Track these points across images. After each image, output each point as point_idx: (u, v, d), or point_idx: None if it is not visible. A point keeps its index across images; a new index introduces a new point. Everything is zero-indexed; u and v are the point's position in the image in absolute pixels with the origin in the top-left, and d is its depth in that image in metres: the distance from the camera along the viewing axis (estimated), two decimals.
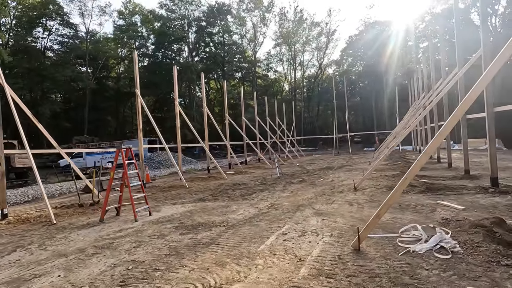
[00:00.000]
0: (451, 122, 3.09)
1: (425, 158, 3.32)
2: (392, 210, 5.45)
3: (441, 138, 3.20)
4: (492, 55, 6.76)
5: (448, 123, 3.13)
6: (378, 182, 8.91)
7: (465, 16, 41.67)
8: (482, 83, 2.86)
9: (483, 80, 2.86)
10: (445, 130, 3.17)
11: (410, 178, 3.43)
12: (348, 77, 61.21)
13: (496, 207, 5.21)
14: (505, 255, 3.14)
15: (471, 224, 3.96)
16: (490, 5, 37.15)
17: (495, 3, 37.96)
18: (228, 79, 56.39)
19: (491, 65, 2.84)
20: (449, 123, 3.11)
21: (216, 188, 10.25)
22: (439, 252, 3.40)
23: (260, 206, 6.72)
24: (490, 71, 2.82)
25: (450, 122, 3.12)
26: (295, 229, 4.71)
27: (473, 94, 2.92)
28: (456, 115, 3.03)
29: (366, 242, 3.89)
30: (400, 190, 3.46)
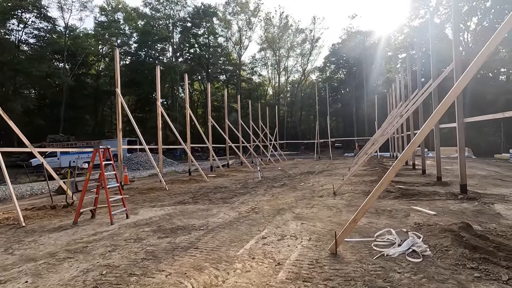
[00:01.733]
0: (424, 131, 3.25)
1: (400, 164, 3.46)
2: (368, 215, 5.62)
3: (414, 146, 3.36)
4: (463, 68, 7.18)
5: (421, 132, 3.29)
6: (357, 187, 9.15)
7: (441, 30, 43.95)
8: (452, 95, 3.04)
9: (453, 92, 3.03)
10: (418, 139, 3.33)
11: (386, 183, 3.56)
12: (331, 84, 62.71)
13: (464, 213, 5.50)
14: (471, 259, 3.32)
15: (441, 229, 4.15)
16: (462, 21, 39.38)
17: (467, 20, 40.27)
18: (213, 81, 56.13)
19: (460, 79, 3.02)
20: (422, 132, 3.26)
21: (197, 191, 10.13)
22: (411, 256, 3.54)
23: (240, 209, 6.71)
24: (459, 85, 3.00)
25: (423, 131, 3.27)
26: (275, 233, 4.75)
27: (444, 106, 3.08)
28: (428, 124, 3.18)
29: (343, 246, 3.98)
30: (375, 195, 3.58)
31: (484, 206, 5.92)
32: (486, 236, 3.98)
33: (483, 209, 5.68)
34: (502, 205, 5.96)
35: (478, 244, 3.66)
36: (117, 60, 11.51)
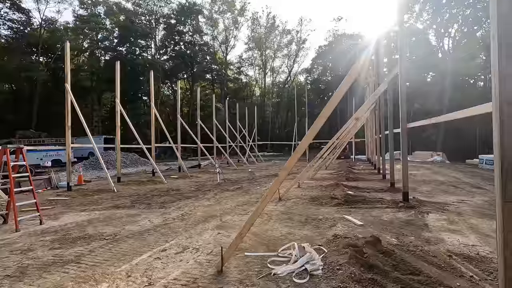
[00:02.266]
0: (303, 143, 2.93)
1: (284, 174, 3.13)
2: (295, 224, 5.30)
3: (297, 155, 3.03)
4: (407, 75, 6.97)
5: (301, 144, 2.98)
6: (308, 192, 8.85)
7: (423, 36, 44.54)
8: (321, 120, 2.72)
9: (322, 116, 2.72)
10: (300, 149, 3.01)
11: (270, 196, 3.22)
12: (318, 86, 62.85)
13: (392, 223, 5.23)
14: (358, 280, 3.00)
15: (345, 244, 3.84)
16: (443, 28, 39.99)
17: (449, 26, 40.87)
18: (198, 80, 55.39)
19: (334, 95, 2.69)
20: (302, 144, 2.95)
21: (145, 193, 9.65)
22: (299, 276, 3.21)
23: (170, 216, 6.29)
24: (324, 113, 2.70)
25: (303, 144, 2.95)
26: (180, 245, 4.35)
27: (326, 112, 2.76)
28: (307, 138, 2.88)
29: (238, 262, 3.64)
30: (261, 208, 3.23)
31: (417, 216, 5.68)
32: (392, 252, 3.68)
33: (414, 220, 5.43)
34: (437, 215, 5.74)
35: (375, 263, 3.36)
36: (67, 54, 10.94)
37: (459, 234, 4.54)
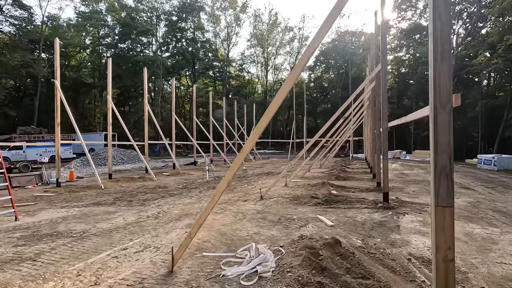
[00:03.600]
0: (249, 144, 2.87)
1: (231, 174, 3.07)
2: (264, 224, 5.25)
3: (243, 154, 2.97)
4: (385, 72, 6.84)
5: (247, 143, 2.91)
6: (293, 191, 8.77)
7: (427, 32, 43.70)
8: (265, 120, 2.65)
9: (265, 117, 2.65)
10: (245, 149, 2.94)
11: (218, 195, 3.16)
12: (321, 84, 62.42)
13: (364, 224, 5.15)
14: (303, 283, 2.94)
15: (303, 245, 3.78)
16: None
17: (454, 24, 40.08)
18: (199, 77, 55.40)
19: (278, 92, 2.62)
20: (248, 143, 2.88)
21: (132, 190, 9.67)
22: (247, 278, 3.16)
23: (146, 214, 6.28)
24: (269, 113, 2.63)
25: (251, 140, 2.89)
26: (143, 243, 4.33)
27: (263, 122, 2.68)
28: (252, 138, 2.81)
29: (194, 262, 3.61)
30: (209, 208, 3.18)
31: (392, 217, 5.58)
32: (350, 254, 3.61)
33: (388, 221, 5.34)
34: (413, 217, 5.63)
35: (328, 265, 3.29)
36: (57, 51, 10.95)
37: (428, 237, 4.44)
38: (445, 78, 2.11)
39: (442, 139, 2.11)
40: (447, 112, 2.10)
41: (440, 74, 2.12)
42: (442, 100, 2.11)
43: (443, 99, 2.11)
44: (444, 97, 2.11)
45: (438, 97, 2.12)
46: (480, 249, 3.93)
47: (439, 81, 2.12)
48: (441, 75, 2.12)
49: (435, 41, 2.13)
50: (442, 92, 2.11)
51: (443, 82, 2.11)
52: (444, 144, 2.11)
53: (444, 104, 2.11)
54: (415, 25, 43.62)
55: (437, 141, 2.13)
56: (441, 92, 2.11)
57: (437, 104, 2.12)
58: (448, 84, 2.11)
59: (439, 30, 2.12)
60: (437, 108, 2.12)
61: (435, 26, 2.13)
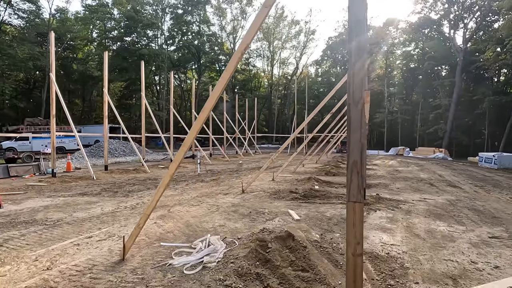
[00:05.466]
0: (193, 131, 2.95)
1: (174, 167, 3.16)
2: (233, 217, 5.35)
3: (185, 148, 3.05)
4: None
5: (187, 138, 2.99)
6: (277, 186, 8.85)
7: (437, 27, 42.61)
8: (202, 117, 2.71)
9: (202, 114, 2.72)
10: (187, 141, 3.02)
11: (163, 187, 3.26)
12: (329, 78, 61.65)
13: (331, 219, 5.20)
14: (242, 274, 3.03)
15: (255, 238, 3.86)
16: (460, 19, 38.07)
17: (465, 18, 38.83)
18: (205, 70, 55.47)
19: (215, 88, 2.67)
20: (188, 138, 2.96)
21: (122, 182, 9.91)
22: (191, 268, 3.27)
23: (125, 204, 6.47)
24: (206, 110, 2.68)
25: (192, 132, 2.97)
26: (109, 232, 4.50)
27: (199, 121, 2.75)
28: (190, 135, 2.90)
29: (149, 251, 3.75)
30: (155, 200, 3.29)
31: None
32: (301, 248, 3.68)
33: None
34: (384, 213, 5.65)
35: (273, 258, 3.37)
36: (52, 44, 11.19)
37: (388, 233, 4.47)
38: (358, 76, 2.13)
39: (354, 135, 2.14)
40: (359, 109, 2.13)
41: (354, 72, 2.14)
42: (355, 97, 2.14)
43: (356, 97, 2.13)
44: (357, 94, 2.13)
45: (352, 95, 2.14)
46: (434, 246, 3.94)
47: (353, 79, 2.14)
48: (355, 74, 2.14)
49: (351, 40, 2.15)
50: (355, 90, 2.14)
51: (356, 80, 2.13)
52: (356, 140, 2.14)
53: (357, 102, 2.13)
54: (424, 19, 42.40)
55: (349, 138, 2.16)
56: (355, 90, 2.14)
57: (351, 101, 2.15)
58: (361, 82, 2.13)
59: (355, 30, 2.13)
60: (351, 105, 2.15)
61: (351, 25, 2.14)
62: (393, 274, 3.12)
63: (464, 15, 37.89)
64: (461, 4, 36.83)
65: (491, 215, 5.66)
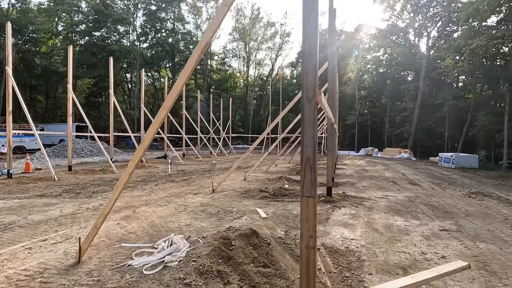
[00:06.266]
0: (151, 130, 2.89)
1: (133, 165, 3.08)
2: (200, 216, 5.30)
3: (144, 146, 3.00)
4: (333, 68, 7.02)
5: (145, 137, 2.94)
6: (248, 185, 8.89)
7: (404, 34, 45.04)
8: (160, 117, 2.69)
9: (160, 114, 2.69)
10: (146, 140, 2.97)
11: (122, 185, 3.17)
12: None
13: (297, 217, 5.32)
14: (203, 272, 3.02)
15: (219, 236, 3.86)
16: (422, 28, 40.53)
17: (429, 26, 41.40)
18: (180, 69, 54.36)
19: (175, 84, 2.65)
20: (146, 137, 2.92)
21: (86, 182, 9.44)
22: (151, 268, 3.20)
23: (88, 206, 6.18)
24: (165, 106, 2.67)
25: (151, 130, 2.92)
26: (66, 235, 4.28)
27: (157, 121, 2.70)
28: (147, 136, 2.86)
29: (108, 252, 3.63)
30: (113, 199, 3.19)
31: (328, 210, 5.80)
32: (265, 245, 3.73)
33: (321, 214, 5.55)
34: (347, 210, 5.88)
35: (236, 255, 3.39)
36: (9, 35, 10.43)
37: (349, 229, 4.66)
38: (311, 75, 2.22)
39: (308, 132, 2.22)
40: (312, 106, 2.21)
41: (308, 72, 2.23)
42: (309, 95, 2.22)
43: (309, 94, 2.22)
44: (310, 92, 2.22)
45: (305, 93, 2.22)
46: (390, 240, 4.17)
47: (307, 78, 2.23)
48: (308, 73, 2.23)
49: (304, 41, 2.23)
50: (308, 88, 2.22)
51: (309, 79, 2.22)
52: (309, 137, 2.22)
53: (310, 99, 2.22)
54: (392, 26, 44.61)
55: (303, 135, 2.24)
56: (308, 88, 2.22)
57: (305, 99, 2.23)
58: (313, 80, 2.21)
59: (308, 32, 2.22)
60: (305, 103, 2.23)
61: (305, 27, 2.23)
62: (349, 267, 3.27)
63: (427, 24, 40.43)
64: (425, 14, 39.31)
65: (444, 210, 6.09)
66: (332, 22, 7.09)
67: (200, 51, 2.64)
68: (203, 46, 2.64)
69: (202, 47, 2.64)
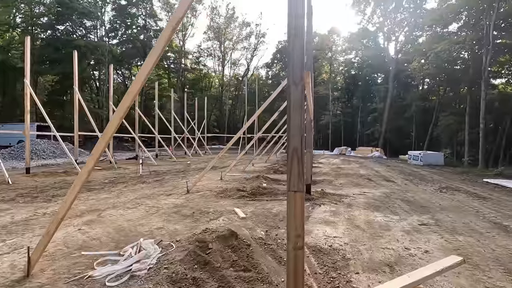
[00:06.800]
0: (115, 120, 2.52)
1: (93, 161, 2.69)
2: (173, 219, 4.92)
3: (106, 138, 2.61)
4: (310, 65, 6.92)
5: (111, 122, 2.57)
6: (225, 185, 8.56)
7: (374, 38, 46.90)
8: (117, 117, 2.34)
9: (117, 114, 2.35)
10: (108, 132, 2.59)
11: (79, 184, 2.76)
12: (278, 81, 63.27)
13: (277, 216, 5.11)
14: (176, 280, 2.68)
15: (195, 239, 3.54)
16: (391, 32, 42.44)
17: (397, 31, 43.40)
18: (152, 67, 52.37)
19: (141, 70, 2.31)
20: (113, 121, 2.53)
21: (45, 186, 8.59)
22: (116, 278, 2.81)
23: (45, 211, 5.54)
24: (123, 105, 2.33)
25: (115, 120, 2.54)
26: (16, 244, 3.73)
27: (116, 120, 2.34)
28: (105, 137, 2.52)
29: (65, 262, 3.16)
30: (69, 201, 2.76)
31: (308, 208, 5.66)
32: (244, 247, 3.46)
33: None
34: (327, 207, 5.77)
35: (214, 259, 3.09)
36: None
37: (331, 226, 4.52)
38: (298, 56, 1.99)
39: (295, 119, 1.98)
40: (299, 90, 1.98)
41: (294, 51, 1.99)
42: (296, 77, 1.98)
43: (296, 77, 1.98)
44: (297, 75, 1.98)
45: (292, 75, 1.99)
46: (372, 236, 4.07)
47: (293, 59, 1.99)
48: (295, 53, 1.99)
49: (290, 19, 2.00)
50: (295, 70, 1.98)
51: (296, 60, 1.99)
52: (297, 125, 1.98)
53: (297, 82, 1.98)
54: (363, 30, 46.25)
55: (290, 122, 2.00)
56: (295, 70, 1.98)
57: (291, 82, 2.00)
58: (301, 62, 1.99)
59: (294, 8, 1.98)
60: (291, 86, 2.00)
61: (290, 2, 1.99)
62: (335, 266, 3.09)
63: (395, 29, 42.40)
64: (393, 19, 41.20)
65: (419, 204, 6.18)
66: None
67: (171, 29, 2.31)
68: (175, 24, 2.31)
69: (173, 25, 2.31)
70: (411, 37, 39.56)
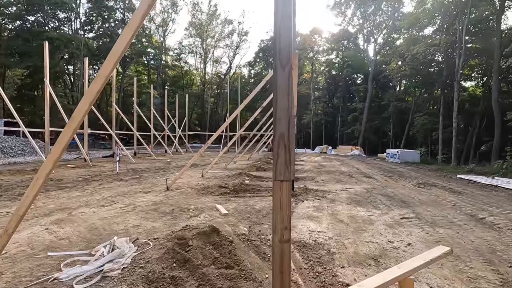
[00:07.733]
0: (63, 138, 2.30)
1: (59, 149, 2.45)
2: (151, 216, 4.67)
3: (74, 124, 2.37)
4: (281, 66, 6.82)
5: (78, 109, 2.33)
6: (206, 182, 8.34)
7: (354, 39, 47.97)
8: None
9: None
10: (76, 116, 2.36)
11: (42, 177, 2.51)
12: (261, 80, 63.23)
13: (260, 212, 4.99)
14: (152, 280, 2.49)
15: (174, 236, 3.34)
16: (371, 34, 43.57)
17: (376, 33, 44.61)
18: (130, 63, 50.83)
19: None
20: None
21: (11, 184, 7.97)
22: (88, 279, 2.56)
23: (9, 210, 5.10)
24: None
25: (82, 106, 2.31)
26: None
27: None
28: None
29: (28, 264, 2.87)
30: (31, 195, 2.50)
31: (291, 204, 5.56)
32: (227, 243, 3.29)
33: None
34: (311, 203, 5.72)
35: (194, 257, 2.91)
36: None
37: (315, 221, 4.46)
38: (285, 37, 1.86)
39: (282, 103, 1.85)
40: (287, 73, 1.86)
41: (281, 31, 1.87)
42: (283, 59, 1.86)
43: (284, 59, 1.86)
44: (285, 56, 1.86)
45: (279, 57, 1.86)
46: (356, 230, 4.05)
47: (280, 40, 1.86)
48: (282, 34, 1.87)
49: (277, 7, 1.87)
50: (282, 51, 1.86)
51: (283, 41, 1.86)
52: (283, 109, 1.86)
53: (284, 64, 1.86)
54: (344, 31, 47.16)
55: (276, 107, 1.88)
56: (282, 51, 1.86)
57: (278, 65, 1.87)
58: (288, 43, 1.86)
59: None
60: (278, 69, 1.87)
61: None
62: (320, 261, 3.00)
63: (374, 31, 43.59)
64: (372, 22, 42.31)
65: (400, 199, 6.29)
66: None
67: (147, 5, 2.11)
68: None
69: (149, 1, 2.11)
70: (389, 39, 40.81)
